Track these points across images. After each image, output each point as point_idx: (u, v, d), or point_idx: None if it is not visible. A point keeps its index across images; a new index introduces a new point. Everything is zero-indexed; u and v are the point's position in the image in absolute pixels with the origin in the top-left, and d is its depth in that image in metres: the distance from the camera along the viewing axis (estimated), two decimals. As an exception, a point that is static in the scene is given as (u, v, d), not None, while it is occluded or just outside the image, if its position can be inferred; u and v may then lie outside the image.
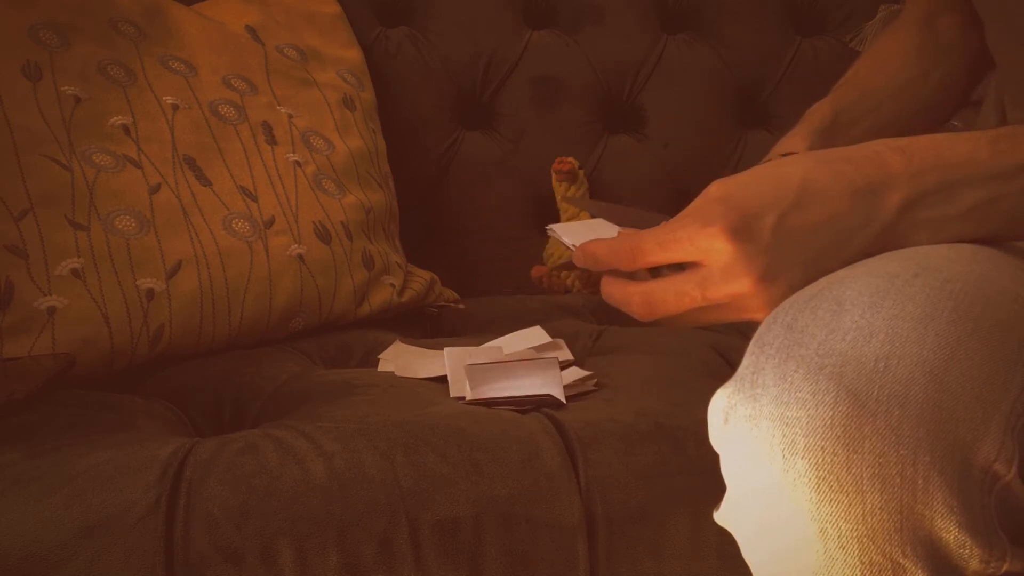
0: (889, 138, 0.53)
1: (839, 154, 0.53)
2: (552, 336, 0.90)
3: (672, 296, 0.53)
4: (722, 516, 0.48)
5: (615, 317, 1.05)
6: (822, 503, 0.41)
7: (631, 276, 0.56)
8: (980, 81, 0.83)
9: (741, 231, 0.50)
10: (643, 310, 0.55)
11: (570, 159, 1.25)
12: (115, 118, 0.90)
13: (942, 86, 0.81)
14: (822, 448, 0.40)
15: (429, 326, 1.11)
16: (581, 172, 1.26)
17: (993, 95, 0.80)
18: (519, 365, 0.76)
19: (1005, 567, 0.40)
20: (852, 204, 0.51)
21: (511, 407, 0.72)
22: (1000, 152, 0.50)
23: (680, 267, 0.54)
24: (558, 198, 1.27)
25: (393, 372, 0.84)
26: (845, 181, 0.51)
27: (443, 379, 0.81)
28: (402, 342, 0.93)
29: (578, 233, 0.61)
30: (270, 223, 0.94)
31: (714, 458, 0.47)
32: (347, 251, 1.00)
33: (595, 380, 0.80)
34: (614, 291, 0.56)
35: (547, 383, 0.75)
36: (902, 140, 0.52)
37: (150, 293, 0.83)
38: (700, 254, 0.51)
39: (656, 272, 0.55)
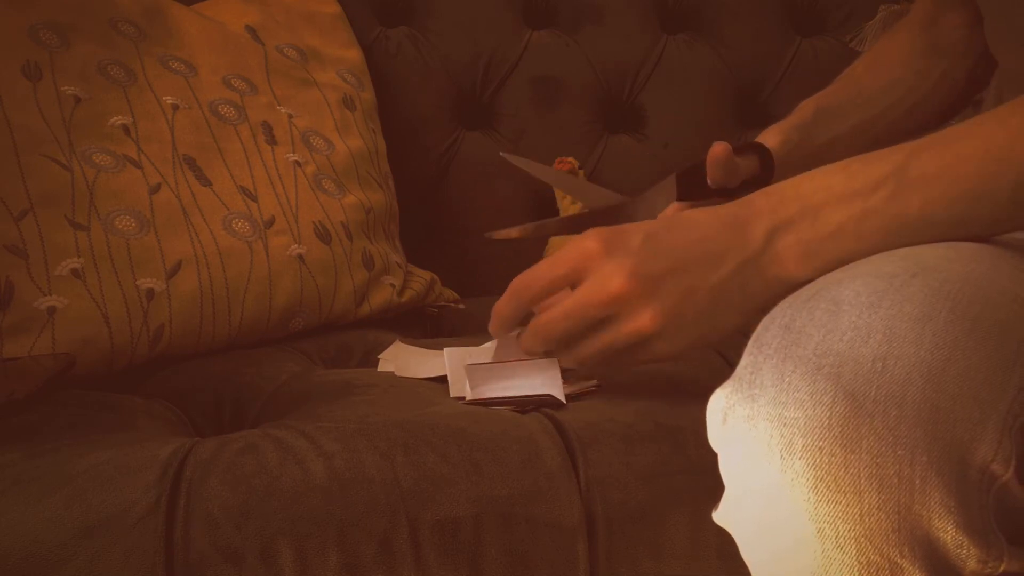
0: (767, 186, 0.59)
1: (711, 204, 0.61)
2: (552, 336, 0.90)
3: (559, 314, 0.61)
4: (721, 516, 0.48)
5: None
6: (820, 503, 0.41)
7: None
8: (985, 82, 0.83)
9: (611, 240, 0.58)
10: (536, 339, 0.64)
11: (570, 159, 1.25)
12: (115, 118, 0.90)
13: (941, 84, 0.81)
14: (820, 448, 0.40)
15: (429, 326, 1.11)
16: (581, 172, 1.26)
17: (993, 94, 0.80)
18: (519, 365, 0.76)
19: (1003, 567, 0.40)
20: (719, 231, 0.57)
21: (511, 407, 0.72)
22: (853, 174, 0.54)
23: None
24: (558, 198, 1.27)
25: (393, 372, 0.84)
26: (714, 217, 0.58)
27: (443, 379, 0.81)
28: (402, 342, 0.93)
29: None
30: (270, 223, 0.94)
31: (714, 458, 0.47)
32: (347, 251, 1.00)
33: (595, 380, 0.80)
34: (524, 340, 0.66)
35: (547, 383, 0.75)
36: (770, 187, 0.58)
37: (150, 293, 0.83)
38: (578, 264, 0.59)
39: None
